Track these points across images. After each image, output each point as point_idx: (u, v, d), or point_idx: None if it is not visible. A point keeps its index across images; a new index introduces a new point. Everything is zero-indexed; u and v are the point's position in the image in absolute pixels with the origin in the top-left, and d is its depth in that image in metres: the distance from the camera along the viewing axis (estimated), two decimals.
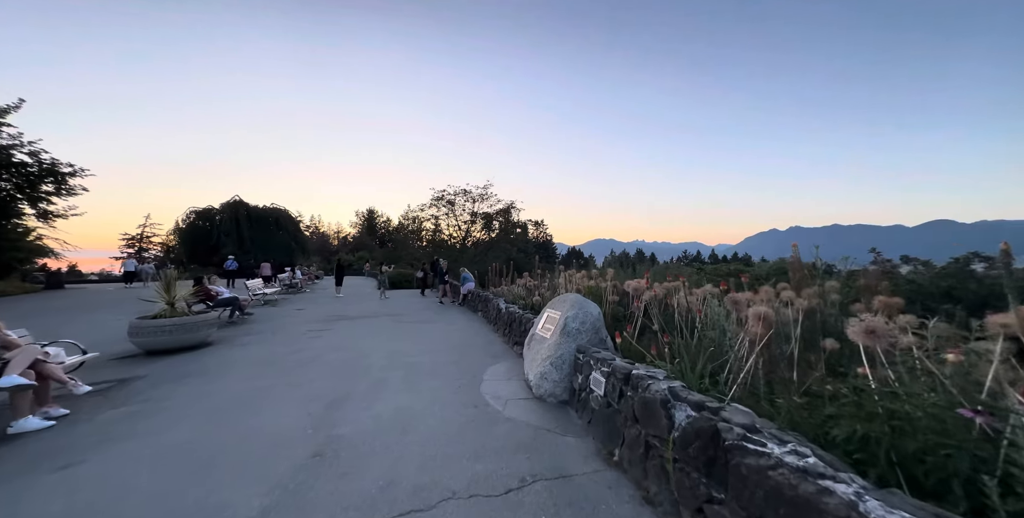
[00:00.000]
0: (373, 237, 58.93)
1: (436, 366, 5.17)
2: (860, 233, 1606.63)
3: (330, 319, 9.22)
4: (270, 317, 9.40)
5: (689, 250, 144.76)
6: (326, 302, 12.98)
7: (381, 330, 7.82)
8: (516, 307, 7.36)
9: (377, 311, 10.76)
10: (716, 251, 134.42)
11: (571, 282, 6.93)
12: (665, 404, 2.33)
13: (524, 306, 7.79)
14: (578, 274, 6.85)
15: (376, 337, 7.09)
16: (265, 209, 33.10)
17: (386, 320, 9.16)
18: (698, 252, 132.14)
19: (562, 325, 3.95)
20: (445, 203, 26.62)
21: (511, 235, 28.03)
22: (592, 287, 6.10)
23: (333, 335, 7.24)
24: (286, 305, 11.93)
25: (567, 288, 6.88)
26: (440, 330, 7.93)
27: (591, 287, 6.10)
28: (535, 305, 7.59)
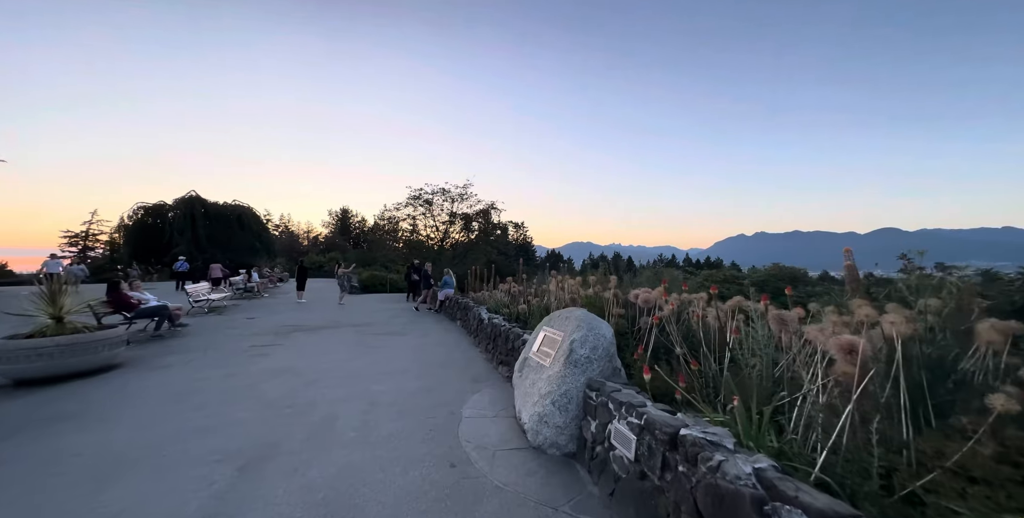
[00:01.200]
0: (347, 238, 56.55)
1: (403, 396, 4.14)
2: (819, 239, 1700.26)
3: (284, 331, 7.97)
4: (211, 329, 8.04)
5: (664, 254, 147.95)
6: (284, 309, 11.59)
7: (342, 345, 6.68)
8: (500, 318, 6.42)
9: (340, 320, 9.54)
10: (689, 255, 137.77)
11: (564, 289, 6.05)
12: (758, 506, 1.45)
13: (509, 316, 6.86)
14: (572, 280, 5.99)
15: (334, 354, 5.96)
16: (226, 206, 30.74)
17: (350, 332, 7.99)
18: (673, 256, 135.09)
19: (567, 351, 3.03)
20: (422, 202, 25.38)
21: (491, 237, 27.06)
22: (591, 297, 5.23)
23: (282, 353, 6.05)
24: (236, 313, 10.49)
25: (558, 297, 6.00)
26: (412, 344, 6.86)
27: (589, 297, 5.23)
28: (521, 315, 6.67)
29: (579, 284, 5.88)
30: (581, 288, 5.83)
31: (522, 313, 6.67)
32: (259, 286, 14.42)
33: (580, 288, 5.89)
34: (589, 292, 5.36)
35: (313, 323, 9.01)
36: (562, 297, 5.91)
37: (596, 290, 5.42)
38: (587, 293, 5.44)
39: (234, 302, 12.58)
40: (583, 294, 5.34)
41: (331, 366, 5.29)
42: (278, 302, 13.38)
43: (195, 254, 26.92)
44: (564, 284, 6.45)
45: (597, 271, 6.92)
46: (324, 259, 35.63)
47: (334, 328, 8.42)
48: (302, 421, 3.47)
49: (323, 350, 6.26)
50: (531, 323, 5.60)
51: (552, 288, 7.02)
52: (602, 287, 5.64)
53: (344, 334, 7.72)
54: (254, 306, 12.04)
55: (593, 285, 5.70)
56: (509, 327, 5.42)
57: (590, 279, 5.96)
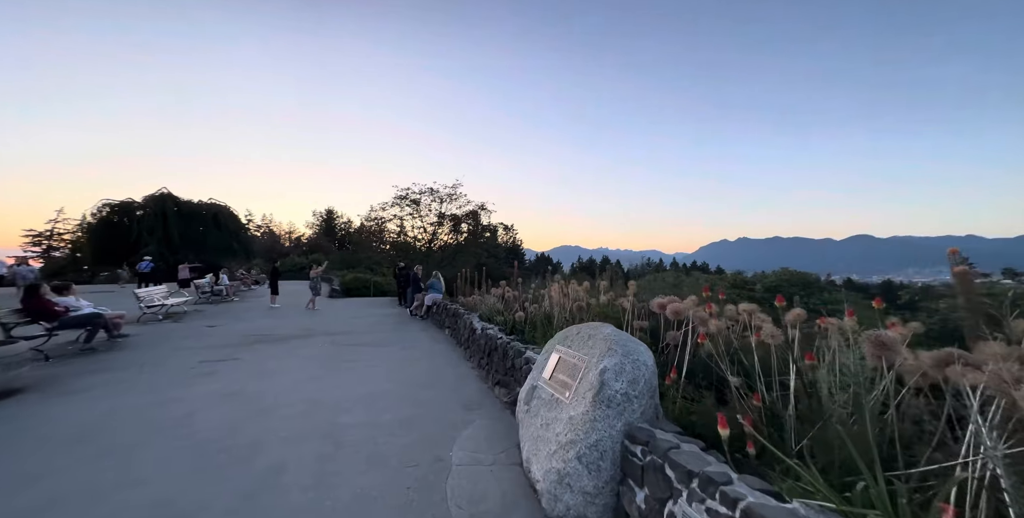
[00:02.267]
0: (331, 239, 54.93)
1: (377, 431, 3.28)
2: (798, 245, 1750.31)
3: (246, 341, 6.98)
4: (159, 340, 7.00)
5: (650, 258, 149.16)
6: (254, 316, 10.53)
7: (311, 359, 5.76)
8: (495, 328, 5.61)
9: (314, 328, 8.57)
10: (674, 259, 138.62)
11: (567, 295, 5.28)
12: None
13: (505, 325, 6.06)
14: (579, 286, 5.21)
15: (299, 372, 5.05)
16: (200, 204, 29.17)
17: (323, 343, 7.05)
18: (660, 260, 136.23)
19: (595, 384, 2.24)
20: (409, 202, 24.40)
21: (480, 239, 26.19)
22: (604, 306, 4.46)
23: (235, 370, 5.11)
24: (197, 320, 9.40)
25: (561, 304, 5.24)
26: (393, 358, 5.98)
27: (603, 306, 4.45)
28: (518, 324, 5.89)
29: (586, 290, 5.11)
30: (588, 295, 5.07)
31: (519, 322, 5.88)
32: (229, 289, 13.26)
33: (587, 295, 5.12)
34: (602, 299, 4.59)
35: (282, 332, 8.03)
36: (565, 304, 5.13)
37: (609, 297, 4.65)
38: (599, 301, 4.67)
39: (198, 307, 11.44)
40: (593, 302, 4.57)
41: (293, 388, 4.38)
42: (249, 307, 12.26)
43: (166, 255, 25.36)
44: (568, 290, 5.68)
45: (605, 274, 6.17)
46: (306, 261, 34.19)
47: (305, 338, 7.46)
48: (236, 474, 2.58)
49: (287, 366, 5.33)
50: (534, 336, 4.80)
51: (554, 294, 6.25)
52: (616, 294, 4.89)
53: (316, 345, 6.78)
54: (220, 312, 10.93)
55: (604, 291, 4.93)
56: (507, 341, 4.61)
57: (601, 284, 5.19)
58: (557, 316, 5.11)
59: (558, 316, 5.10)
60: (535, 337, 4.82)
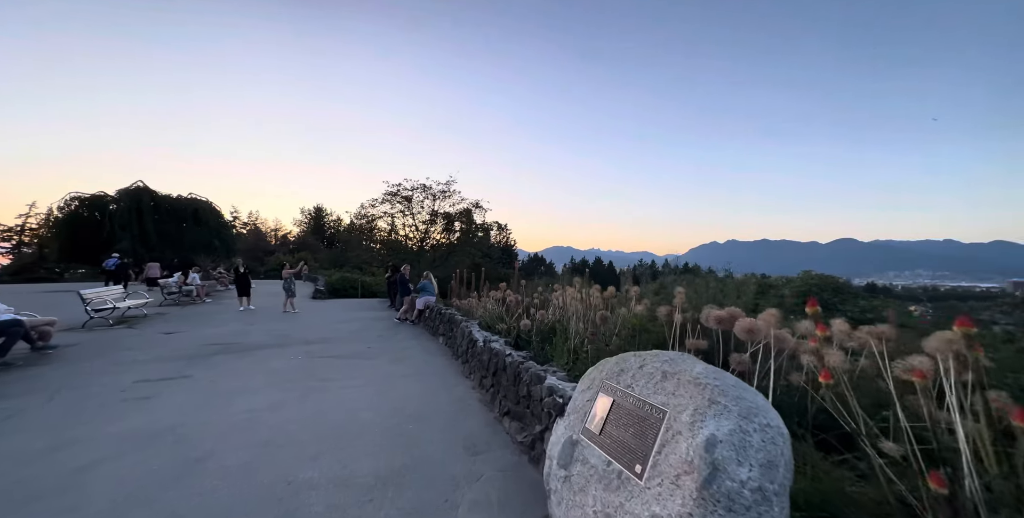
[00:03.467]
0: (320, 237, 53.44)
1: (346, 497, 2.34)
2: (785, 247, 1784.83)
3: (205, 352, 5.96)
4: (100, 350, 5.93)
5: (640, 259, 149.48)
6: (223, 320, 9.44)
7: (277, 377, 4.77)
8: (500, 341, 4.69)
9: (291, 335, 7.56)
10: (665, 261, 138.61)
11: (587, 303, 4.39)
12: None
13: (508, 335, 5.17)
14: (601, 293, 4.29)
15: (259, 395, 4.07)
16: (180, 199, 27.74)
17: (297, 354, 6.06)
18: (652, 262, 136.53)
19: (701, 466, 1.34)
20: (401, 199, 23.33)
21: (473, 238, 25.19)
22: (642, 319, 3.56)
23: (178, 394, 4.11)
24: (156, 325, 8.31)
25: (581, 315, 4.35)
26: (378, 375, 5.02)
27: (640, 318, 3.56)
28: (523, 334, 5.01)
29: (610, 296, 4.21)
30: (618, 302, 4.18)
31: (524, 331, 4.99)
32: (200, 290, 12.10)
33: (615, 302, 4.23)
34: (636, 309, 3.69)
35: (252, 340, 7.00)
36: (584, 313, 4.25)
37: (644, 307, 3.75)
38: (630, 310, 3.78)
39: (162, 310, 10.29)
40: (632, 315, 3.66)
41: (246, 422, 3.41)
42: (221, 310, 11.13)
43: (141, 252, 23.95)
44: (584, 295, 4.78)
45: (625, 277, 5.30)
46: (293, 259, 32.85)
47: (277, 348, 6.46)
48: None
49: (246, 387, 4.34)
50: (550, 353, 3.90)
51: (566, 301, 5.36)
52: (652, 302, 4.01)
53: (288, 357, 5.79)
54: (186, 315, 9.81)
55: (637, 299, 4.04)
56: (519, 359, 3.70)
57: (631, 291, 4.28)
58: (574, 327, 4.23)
59: (574, 327, 4.21)
60: (551, 354, 3.92)
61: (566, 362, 3.68)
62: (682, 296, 3.28)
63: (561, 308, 5.77)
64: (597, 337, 3.64)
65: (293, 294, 11.12)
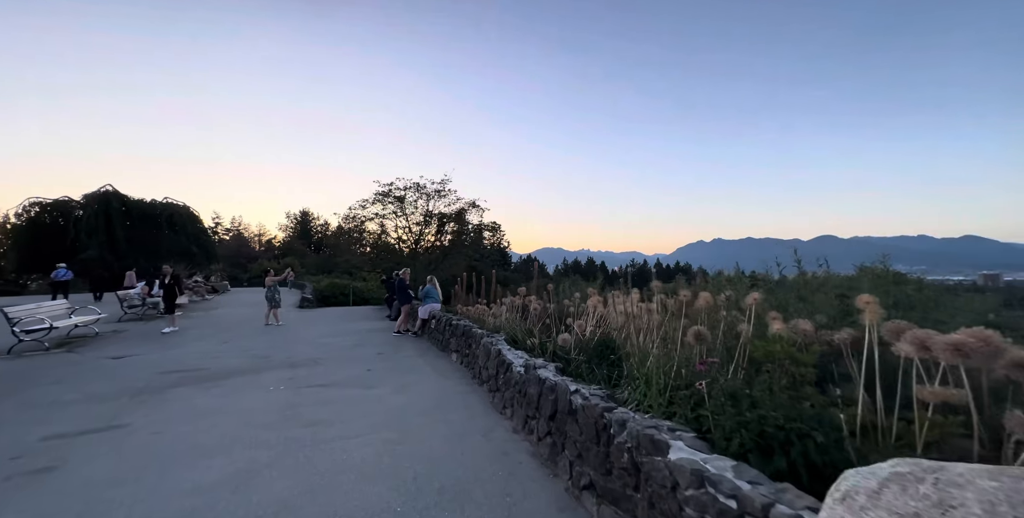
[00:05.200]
0: (306, 242, 51.53)
1: None
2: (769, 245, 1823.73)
3: (158, 384, 4.65)
4: (14, 385, 4.58)
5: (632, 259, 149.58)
6: (192, 338, 8.07)
7: (247, 423, 3.51)
8: (551, 369, 3.49)
9: (273, 355, 6.26)
10: (653, 260, 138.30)
11: (628, 312, 3.24)
12: None
13: (543, 353, 4.04)
14: (664, 297, 3.12)
15: (213, 460, 2.82)
16: (153, 204, 25.89)
17: (277, 381, 4.79)
18: (644, 261, 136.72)
19: None
20: (393, 199, 21.97)
21: (465, 240, 23.89)
22: (783, 343, 2.43)
23: (97, 459, 2.84)
24: (105, 347, 6.90)
25: (640, 327, 3.22)
26: (384, 414, 3.79)
27: (782, 343, 2.43)
28: (560, 352, 3.89)
29: (707, 305, 3.06)
30: (723, 307, 3.04)
31: (562, 348, 3.85)
32: None
33: (703, 310, 3.10)
34: (774, 327, 2.55)
35: (223, 364, 5.69)
36: (644, 326, 3.11)
37: (780, 323, 2.62)
38: (775, 333, 2.65)
39: (120, 327, 8.84)
40: (747, 331, 2.53)
41: (186, 515, 2.18)
42: (192, 325, 9.71)
43: (110, 260, 22.10)
44: (628, 303, 3.65)
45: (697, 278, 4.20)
46: (277, 265, 31.11)
47: (254, 374, 5.18)
48: None
49: (200, 443, 3.09)
50: (633, 396, 2.73)
51: (610, 309, 4.26)
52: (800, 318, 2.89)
53: (266, 389, 4.52)
54: (148, 333, 8.38)
55: (727, 305, 2.91)
56: (601, 404, 2.53)
57: (719, 298, 3.14)
58: (636, 344, 3.09)
59: (637, 343, 3.09)
60: (632, 395, 2.77)
61: (645, 392, 2.55)
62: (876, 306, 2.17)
63: (601, 318, 4.65)
64: (707, 367, 2.49)
65: (277, 304, 9.78)
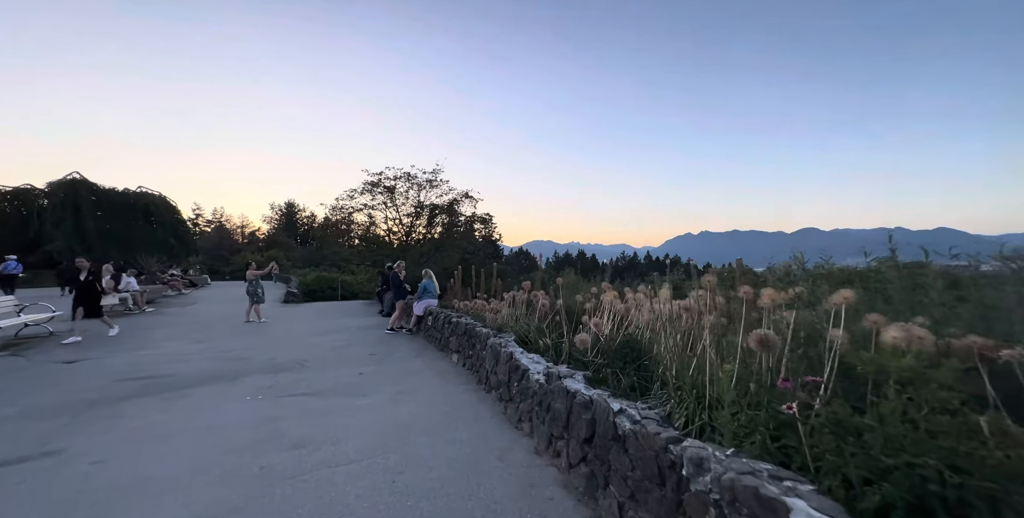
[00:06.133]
0: (293, 234, 50.07)
1: None
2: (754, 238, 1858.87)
3: (112, 395, 3.98)
4: None
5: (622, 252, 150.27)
6: (162, 336, 7.33)
7: (214, 446, 2.89)
8: (579, 378, 2.93)
9: (252, 357, 5.60)
10: (641, 253, 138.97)
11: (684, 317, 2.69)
12: None
13: (557, 356, 3.50)
14: (742, 288, 2.59)
15: (163, 498, 2.22)
16: (127, 194, 24.49)
17: (253, 390, 4.15)
18: (635, 254, 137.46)
19: None
20: (383, 189, 21.09)
21: (455, 233, 23.16)
22: (892, 355, 1.92)
23: (8, 503, 2.21)
24: (57, 350, 6.14)
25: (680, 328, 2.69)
26: (381, 430, 3.20)
27: (891, 356, 1.92)
28: (576, 355, 3.35)
29: (777, 298, 2.51)
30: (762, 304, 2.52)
31: (579, 349, 3.31)
32: (139, 297, 9.78)
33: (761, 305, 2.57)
34: (890, 336, 2.03)
35: (192, 369, 5.01)
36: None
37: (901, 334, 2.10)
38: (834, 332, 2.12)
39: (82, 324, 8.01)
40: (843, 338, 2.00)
41: None
42: (162, 322, 8.92)
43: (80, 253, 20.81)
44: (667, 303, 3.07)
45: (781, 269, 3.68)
46: (261, 258, 29.94)
47: (228, 381, 4.52)
48: None
49: (151, 476, 2.47)
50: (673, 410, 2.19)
51: (635, 305, 3.73)
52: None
53: (240, 400, 3.89)
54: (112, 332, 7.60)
55: (798, 303, 2.38)
56: (674, 445, 1.98)
57: (785, 295, 2.62)
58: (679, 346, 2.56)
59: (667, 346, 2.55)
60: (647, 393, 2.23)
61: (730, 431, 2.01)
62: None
63: (619, 316, 4.11)
64: (793, 385, 1.94)
65: (260, 299, 9.04)
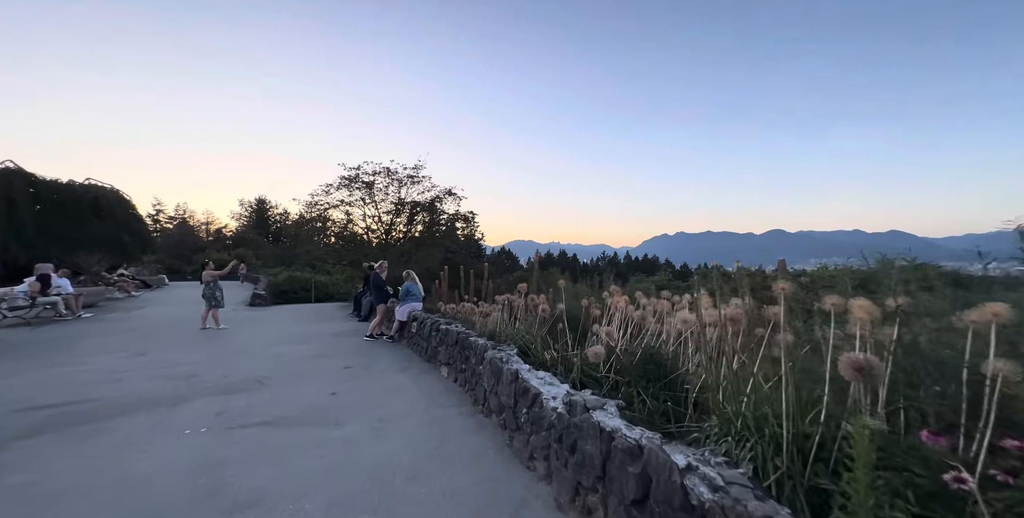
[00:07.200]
0: (264, 232, 47.63)
1: None
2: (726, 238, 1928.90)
3: (4, 433, 3.08)
4: None
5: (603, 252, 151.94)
6: (93, 348, 6.26)
7: (122, 508, 2.12)
8: (613, 410, 2.28)
9: (197, 375, 4.71)
10: (621, 253, 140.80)
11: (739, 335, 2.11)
12: None
13: (566, 371, 2.88)
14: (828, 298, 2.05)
15: None
16: (72, 186, 22.22)
17: (200, 420, 3.33)
18: (615, 254, 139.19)
19: None
20: (361, 185, 19.98)
21: (436, 232, 22.29)
22: None
23: None
24: None
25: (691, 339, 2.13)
26: (358, 478, 2.47)
27: None
28: (589, 370, 2.76)
29: (875, 311, 1.96)
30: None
31: (591, 363, 2.72)
32: (74, 301, 8.55)
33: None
34: None
35: (125, 391, 4.10)
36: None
37: None
38: None
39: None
40: None
41: None
42: (99, 330, 7.75)
43: (15, 251, 18.69)
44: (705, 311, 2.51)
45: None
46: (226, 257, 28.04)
47: (168, 407, 3.66)
48: None
49: None
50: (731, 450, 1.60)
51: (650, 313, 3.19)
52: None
53: (177, 435, 3.07)
54: (32, 342, 6.45)
55: (902, 316, 1.85)
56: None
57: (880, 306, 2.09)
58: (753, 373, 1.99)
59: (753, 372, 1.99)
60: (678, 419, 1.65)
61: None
62: None
63: (633, 323, 3.54)
64: (948, 440, 1.38)
65: (219, 303, 8.01)
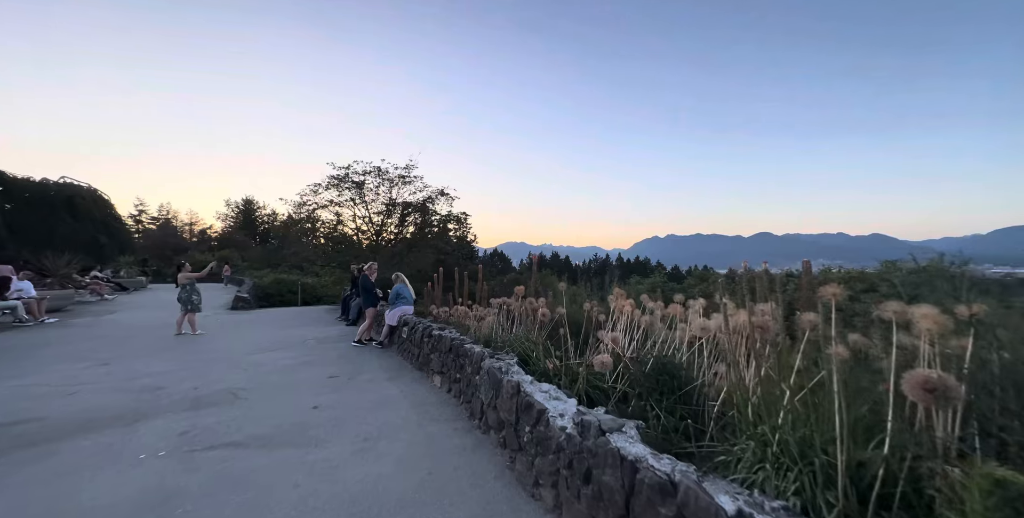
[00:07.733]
0: (251, 233, 46.55)
1: None
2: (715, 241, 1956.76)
3: None
4: None
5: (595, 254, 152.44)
6: (52, 357, 5.78)
7: None
8: (633, 433, 1.98)
9: (166, 384, 4.29)
10: (612, 255, 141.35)
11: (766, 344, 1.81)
12: None
13: (570, 381, 2.60)
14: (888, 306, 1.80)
15: None
16: (45, 184, 21.36)
17: (161, 442, 2.94)
18: (607, 256, 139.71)
19: None
20: (351, 185, 19.45)
21: (428, 233, 21.84)
22: None
23: None
24: None
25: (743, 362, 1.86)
26: (339, 509, 2.14)
27: None
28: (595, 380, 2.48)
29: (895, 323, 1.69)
30: None
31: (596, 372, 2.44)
32: (36, 306, 7.97)
33: None
34: None
35: (80, 406, 3.68)
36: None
37: None
38: None
39: None
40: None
41: None
42: (66, 335, 7.22)
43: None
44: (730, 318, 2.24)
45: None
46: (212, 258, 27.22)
47: (125, 426, 3.26)
48: None
49: None
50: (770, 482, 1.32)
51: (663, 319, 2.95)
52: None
53: (132, 460, 2.68)
54: None
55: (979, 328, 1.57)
56: None
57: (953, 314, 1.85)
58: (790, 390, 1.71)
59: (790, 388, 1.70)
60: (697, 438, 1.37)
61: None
62: None
63: (639, 329, 3.26)
64: None
65: (195, 308, 7.54)
